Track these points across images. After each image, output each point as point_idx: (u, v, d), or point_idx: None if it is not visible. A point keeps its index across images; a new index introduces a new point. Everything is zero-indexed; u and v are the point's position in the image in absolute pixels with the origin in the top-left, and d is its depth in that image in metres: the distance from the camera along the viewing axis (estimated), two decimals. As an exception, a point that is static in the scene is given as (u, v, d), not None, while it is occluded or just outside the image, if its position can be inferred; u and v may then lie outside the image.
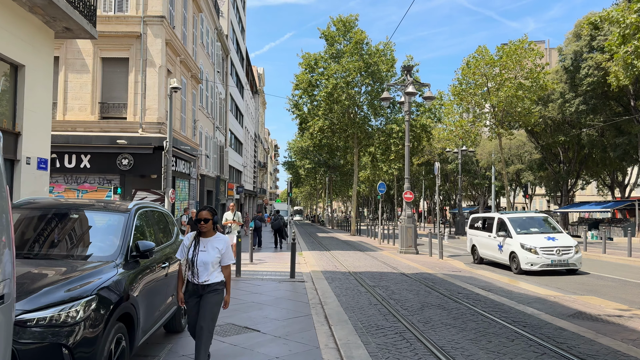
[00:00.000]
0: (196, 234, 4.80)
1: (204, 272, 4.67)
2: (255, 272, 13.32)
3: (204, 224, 4.66)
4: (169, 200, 16.29)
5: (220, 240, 4.79)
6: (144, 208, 5.58)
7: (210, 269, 4.70)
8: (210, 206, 4.86)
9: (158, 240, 5.64)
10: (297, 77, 35.04)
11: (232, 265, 5.17)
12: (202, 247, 4.70)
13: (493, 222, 16.24)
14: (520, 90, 26.50)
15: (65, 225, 4.84)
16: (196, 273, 4.68)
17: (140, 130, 18.80)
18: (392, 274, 13.32)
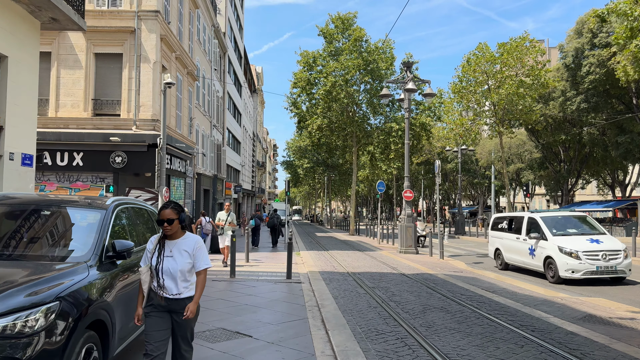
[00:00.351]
0: (161, 235, 3.96)
1: (173, 283, 3.82)
2: (250, 272, 12.89)
3: (168, 225, 3.83)
4: (162, 199, 15.86)
5: (189, 241, 3.95)
6: (125, 205, 5.15)
7: (181, 279, 3.84)
8: (175, 202, 3.99)
9: (140, 239, 5.21)
10: (295, 75, 34.61)
11: (219, 268, 4.62)
12: (167, 252, 3.86)
13: (522, 223, 14.29)
14: (522, 88, 26.11)
15: (35, 223, 4.42)
16: (162, 284, 3.81)
17: (134, 128, 18.36)
18: (391, 275, 12.90)
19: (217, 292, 9.69)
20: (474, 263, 17.46)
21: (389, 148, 34.91)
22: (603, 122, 29.66)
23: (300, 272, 13.02)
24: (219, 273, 12.52)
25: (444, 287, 10.77)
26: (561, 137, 33.68)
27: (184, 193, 22.54)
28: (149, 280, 3.89)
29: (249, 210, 59.37)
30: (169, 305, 3.83)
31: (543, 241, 13.04)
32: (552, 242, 12.68)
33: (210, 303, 8.54)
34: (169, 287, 3.81)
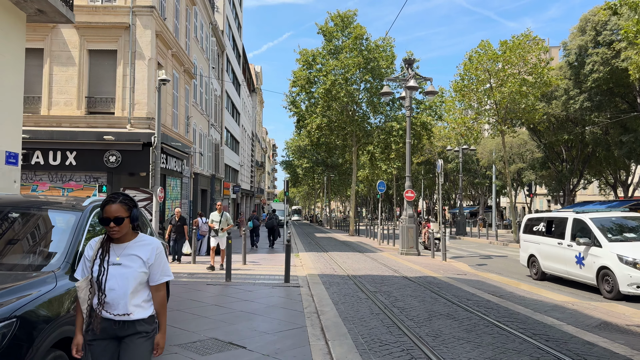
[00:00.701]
0: (104, 238, 3.02)
1: (120, 300, 2.89)
2: (247, 275, 12.44)
3: (115, 226, 2.90)
4: (157, 199, 15.40)
5: (145, 245, 3.05)
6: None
7: (131, 294, 2.91)
8: (125, 194, 3.08)
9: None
10: (294, 73, 34.13)
11: (215, 270, 4.06)
12: (113, 259, 2.94)
13: (565, 225, 12.17)
14: (524, 86, 25.65)
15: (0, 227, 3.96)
16: (103, 301, 2.88)
17: (129, 126, 17.91)
18: (393, 278, 12.45)
19: (211, 297, 9.23)
20: (477, 265, 17.02)
21: (390, 148, 34.44)
22: (607, 121, 29.21)
23: (299, 275, 12.57)
24: (214, 276, 12.06)
25: (448, 292, 10.32)
26: (564, 136, 33.21)
27: (180, 193, 22.08)
28: (88, 298, 2.96)
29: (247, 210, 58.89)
30: (114, 330, 2.93)
31: (596, 248, 11.01)
32: (609, 249, 10.65)
33: (203, 309, 8.08)
34: (114, 304, 2.91)
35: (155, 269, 3.05)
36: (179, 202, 21.86)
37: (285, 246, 11.29)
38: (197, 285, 10.60)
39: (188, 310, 7.94)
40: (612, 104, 29.79)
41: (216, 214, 14.09)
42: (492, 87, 26.67)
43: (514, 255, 21.16)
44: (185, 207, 24.01)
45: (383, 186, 25.61)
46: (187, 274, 12.34)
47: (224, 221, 13.95)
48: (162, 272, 3.08)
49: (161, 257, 3.11)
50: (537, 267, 13.54)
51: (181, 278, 11.56)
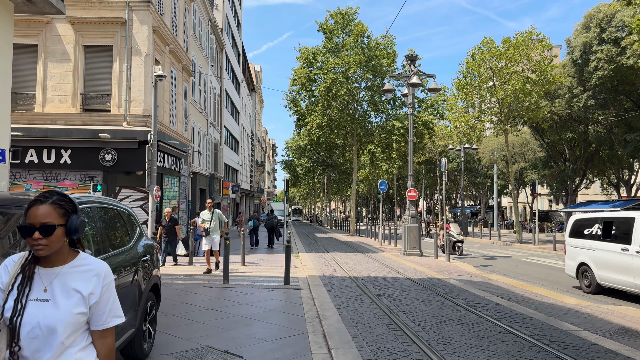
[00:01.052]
0: (26, 259, 2.03)
1: (44, 355, 1.91)
2: (245, 277, 12.01)
3: (42, 237, 1.91)
4: (153, 198, 14.97)
5: (87, 271, 2.03)
6: (86, 204, 4.28)
7: (62, 345, 1.92)
8: (60, 193, 2.06)
9: (102, 246, 4.33)
10: (294, 71, 33.72)
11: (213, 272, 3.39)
12: (37, 292, 1.96)
13: (632, 227, 10.00)
14: (528, 84, 25.23)
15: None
16: (17, 355, 1.89)
17: (125, 124, 17.48)
18: (397, 280, 12.02)
19: (207, 300, 8.80)
20: (482, 266, 16.60)
21: (391, 147, 34.00)
22: (612, 119, 28.76)
23: (300, 277, 12.15)
24: (211, 278, 11.63)
25: (455, 294, 9.89)
26: (567, 135, 32.76)
27: (178, 192, 21.65)
28: None
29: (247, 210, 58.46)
30: None
31: None
32: None
33: (199, 314, 7.66)
34: None
35: (100, 307, 2.01)
36: (177, 201, 21.42)
37: (285, 247, 10.87)
38: (192, 287, 10.17)
39: (182, 315, 7.51)
40: (617, 102, 29.34)
41: (206, 213, 12.94)
42: (495, 85, 26.25)
43: (518, 256, 20.75)
44: (184, 207, 23.58)
45: (384, 185, 25.20)
46: (183, 276, 11.92)
47: (215, 220, 12.78)
48: (111, 311, 2.05)
49: (110, 290, 2.06)
50: (590, 279, 11.24)
51: (176, 280, 11.14)
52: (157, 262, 5.77)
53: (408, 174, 19.49)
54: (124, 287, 4.46)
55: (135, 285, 4.77)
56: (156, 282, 5.58)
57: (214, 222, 12.80)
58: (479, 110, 26.46)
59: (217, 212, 12.90)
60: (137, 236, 5.29)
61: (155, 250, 5.82)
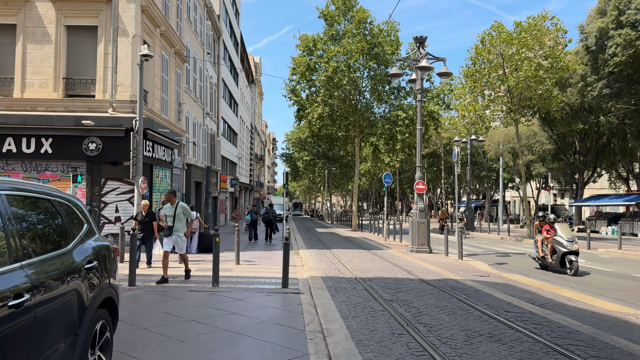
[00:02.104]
0: None
1: None
2: (239, 278, 10.71)
3: None
4: (139, 190, 13.66)
5: None
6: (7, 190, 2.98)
7: None
8: None
9: (22, 250, 3.01)
10: (294, 60, 32.29)
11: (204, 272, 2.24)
12: None
13: None
14: (541, 71, 23.85)
15: None
16: None
17: (111, 110, 16.15)
18: (409, 281, 10.73)
19: (191, 309, 7.50)
20: (497, 264, 15.32)
21: (395, 138, 32.62)
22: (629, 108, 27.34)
23: (299, 278, 10.86)
24: (199, 280, 10.33)
25: (479, 300, 8.60)
26: (578, 126, 31.41)
27: (170, 185, 20.33)
28: None
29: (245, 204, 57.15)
30: None
31: None
32: None
33: (178, 328, 6.35)
34: None
35: None
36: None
37: (284, 245, 9.56)
38: (177, 292, 8.88)
39: (158, 329, 6.21)
40: (632, 91, 27.98)
41: (168, 207, 10.44)
42: (506, 72, 24.86)
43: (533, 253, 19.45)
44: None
45: (389, 178, 23.90)
46: (170, 277, 10.61)
47: (180, 216, 10.40)
48: None
49: None
50: None
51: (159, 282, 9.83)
52: (113, 268, 4.46)
53: (416, 165, 18.16)
54: (51, 307, 3.15)
55: (72, 303, 3.46)
56: (110, 296, 4.26)
57: (177, 218, 10.37)
58: (488, 99, 25.05)
59: (182, 206, 10.48)
60: (82, 236, 3.97)
61: (112, 253, 4.51)
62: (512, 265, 15.14)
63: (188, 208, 10.63)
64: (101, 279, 4.07)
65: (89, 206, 16.08)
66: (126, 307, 7.49)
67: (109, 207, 16.43)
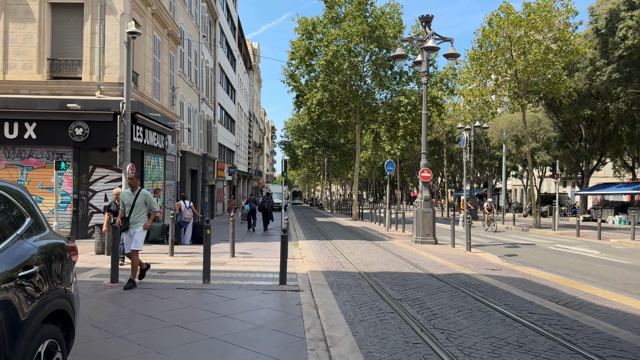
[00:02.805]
0: None
1: None
2: (233, 273, 9.88)
3: None
4: (126, 178, 12.78)
5: None
6: None
7: None
8: None
9: None
10: (293, 44, 31.23)
11: None
12: None
13: None
14: (550, 54, 22.87)
15: None
16: None
17: (98, 93, 15.23)
18: (417, 276, 9.91)
19: (177, 310, 6.66)
20: (506, 256, 14.52)
21: (397, 125, 31.68)
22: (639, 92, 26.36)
23: (299, 272, 10.03)
24: (189, 275, 9.49)
25: (497, 298, 7.78)
26: (586, 112, 30.46)
27: (163, 173, 19.44)
28: None
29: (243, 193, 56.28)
30: None
31: None
32: None
33: (159, 335, 5.52)
34: None
35: None
36: (162, 182, 19.24)
37: (282, 237, 8.71)
38: (163, 290, 8.04)
39: (136, 337, 5.38)
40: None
41: (128, 194, 8.48)
42: (513, 55, 23.88)
43: (541, 243, 18.67)
44: (171, 189, 21.43)
45: (392, 166, 23.03)
46: (157, 272, 9.78)
47: (140, 206, 8.38)
48: None
49: None
50: None
51: (146, 278, 9.00)
52: (68, 272, 3.59)
53: (421, 152, 17.29)
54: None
55: None
56: (62, 308, 3.40)
57: (136, 208, 8.32)
58: (495, 84, 24.07)
59: (144, 194, 8.41)
60: (20, 234, 3.10)
61: (67, 254, 3.64)
62: (523, 257, 14.35)
63: (151, 197, 8.45)
64: (48, 287, 3.21)
65: (76, 195, 15.22)
66: (104, 308, 6.65)
67: (97, 195, 15.57)
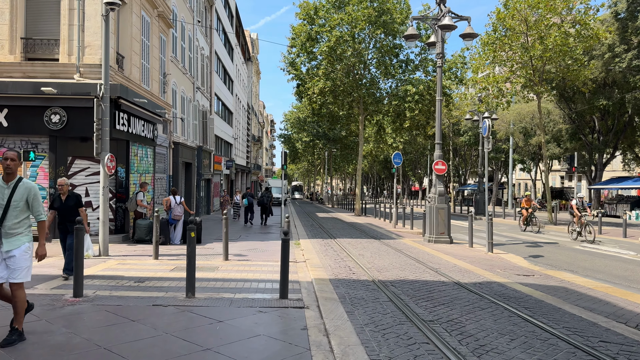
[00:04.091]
0: None
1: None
2: (224, 282, 8.33)
3: None
4: (104, 170, 11.21)
5: None
6: None
7: None
8: None
9: None
10: (293, 29, 29.57)
11: None
12: None
13: None
14: (570, 38, 21.26)
15: None
16: None
17: (77, 76, 13.64)
18: (442, 286, 8.38)
19: (146, 340, 5.12)
20: (532, 257, 13.02)
21: (402, 116, 30.09)
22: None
23: (302, 280, 8.50)
24: (171, 286, 7.93)
25: (550, 318, 6.25)
26: (601, 102, 28.83)
27: (152, 165, 17.86)
28: None
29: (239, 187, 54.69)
30: None
31: None
32: None
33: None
34: None
35: None
36: (151, 175, 17.66)
37: (282, 241, 7.16)
38: (135, 307, 6.49)
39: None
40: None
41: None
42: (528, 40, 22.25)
43: (564, 242, 17.17)
44: (162, 183, 19.87)
45: (399, 158, 21.47)
46: (135, 281, 8.24)
47: (20, 206, 5.00)
48: None
49: None
50: None
51: (119, 289, 7.46)
52: None
53: (435, 142, 15.77)
54: None
55: None
56: None
57: (13, 209, 4.96)
58: (509, 70, 22.44)
59: (26, 189, 5.06)
60: None
61: None
62: (550, 259, 12.83)
63: (38, 194, 5.12)
64: None
65: (52, 189, 13.66)
66: (51, 337, 5.11)
67: (76, 190, 14.00)
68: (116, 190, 14.72)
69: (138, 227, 14.13)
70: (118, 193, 14.74)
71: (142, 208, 14.38)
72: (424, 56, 30.01)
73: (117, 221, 14.73)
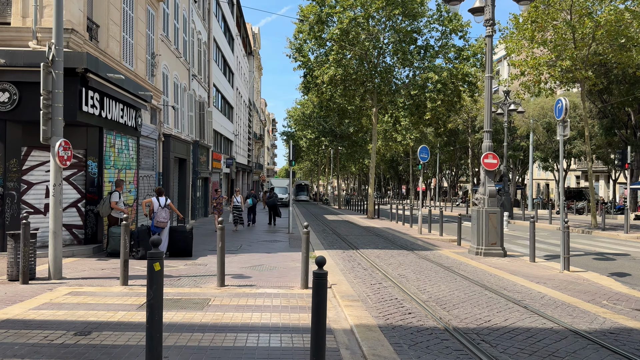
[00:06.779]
0: None
1: None
2: (215, 333, 5.28)
3: None
4: (56, 162, 8.18)
5: None
6: None
7: None
8: None
9: None
10: (302, 10, 26.51)
11: None
12: None
13: None
14: (627, 13, 18.25)
15: None
16: None
17: (34, 43, 10.65)
18: (553, 335, 5.35)
19: None
20: (616, 276, 10.01)
21: (423, 107, 27.07)
22: None
23: (335, 328, 5.50)
24: (127, 347, 4.89)
25: None
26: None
27: (136, 160, 14.81)
28: None
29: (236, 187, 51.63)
30: None
31: None
32: None
33: None
34: None
35: None
36: (134, 172, 14.61)
37: (314, 285, 4.12)
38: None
39: None
40: None
41: None
42: (572, 17, 19.23)
43: (635, 252, 14.13)
44: (150, 181, 16.85)
45: (426, 153, 18.43)
46: (73, 334, 5.20)
47: None
48: None
49: None
50: None
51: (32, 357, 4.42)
52: None
53: (483, 130, 12.78)
54: None
55: None
56: None
57: None
58: (553, 51, 19.35)
59: None
60: None
61: None
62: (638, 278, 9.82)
63: None
64: None
65: (1, 188, 10.65)
66: None
67: (34, 189, 11.03)
68: (86, 189, 11.74)
69: (112, 236, 11.11)
70: (89, 193, 11.75)
71: (118, 212, 11.35)
72: (444, 41, 27.02)
73: (87, 229, 11.73)
